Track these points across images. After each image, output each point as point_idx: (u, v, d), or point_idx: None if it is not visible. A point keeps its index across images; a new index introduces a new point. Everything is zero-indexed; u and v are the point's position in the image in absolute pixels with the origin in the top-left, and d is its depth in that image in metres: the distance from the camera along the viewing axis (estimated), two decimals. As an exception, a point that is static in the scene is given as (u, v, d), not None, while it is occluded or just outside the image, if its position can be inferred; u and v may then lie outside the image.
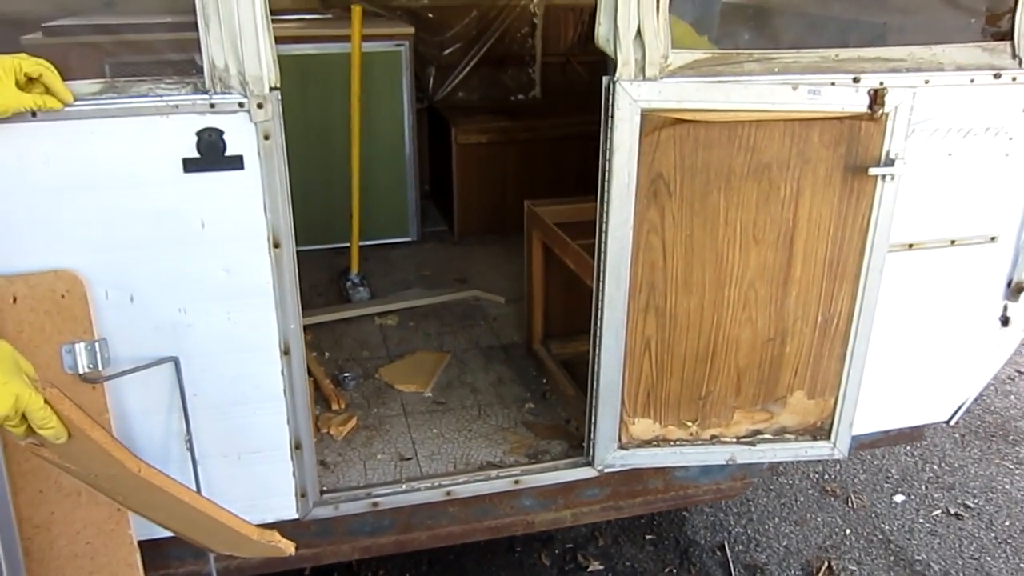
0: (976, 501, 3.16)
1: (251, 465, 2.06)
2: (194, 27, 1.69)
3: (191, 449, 1.98)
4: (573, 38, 4.81)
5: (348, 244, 3.55)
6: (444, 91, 4.72)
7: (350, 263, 3.52)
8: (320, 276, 3.65)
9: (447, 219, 4.38)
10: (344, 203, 3.51)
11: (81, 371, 1.76)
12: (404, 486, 2.27)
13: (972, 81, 2.16)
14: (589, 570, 2.80)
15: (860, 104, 2.03)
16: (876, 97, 2.02)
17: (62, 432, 1.28)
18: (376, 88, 3.70)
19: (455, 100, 4.73)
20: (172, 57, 1.82)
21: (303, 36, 3.73)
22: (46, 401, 1.25)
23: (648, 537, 2.95)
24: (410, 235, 4.16)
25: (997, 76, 2.17)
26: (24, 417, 1.25)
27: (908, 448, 3.43)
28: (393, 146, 3.95)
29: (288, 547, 1.70)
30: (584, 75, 4.85)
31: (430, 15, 4.56)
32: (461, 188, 4.15)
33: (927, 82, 2.12)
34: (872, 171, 2.07)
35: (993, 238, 2.37)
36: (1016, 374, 4.00)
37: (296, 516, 2.14)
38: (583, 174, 3.78)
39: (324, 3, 4.38)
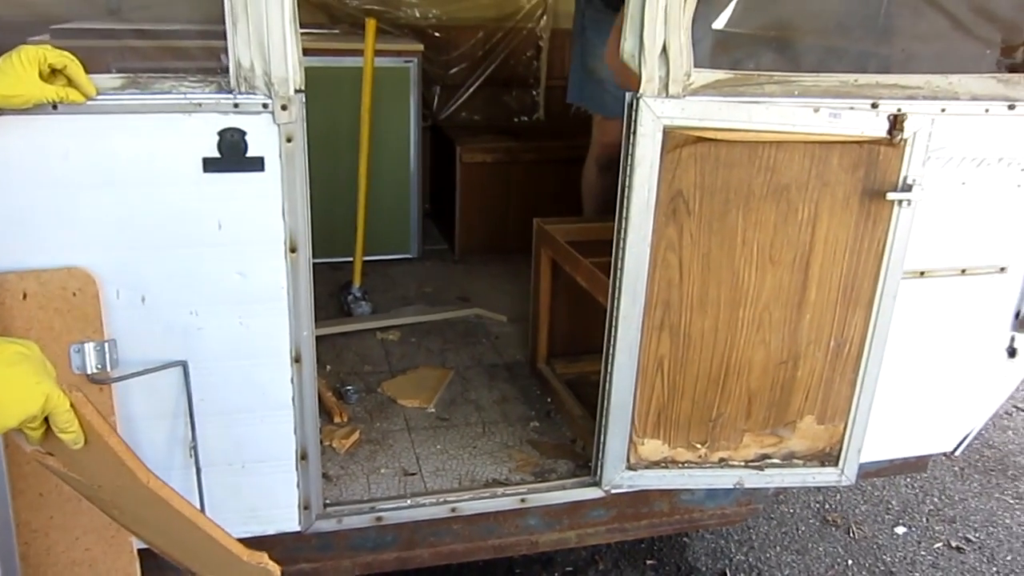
0: (977, 535, 3.14)
1: (255, 474, 2.02)
2: (209, 33, 1.68)
3: (196, 456, 1.93)
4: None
5: (347, 259, 3.52)
6: (448, 110, 4.72)
7: (351, 277, 3.49)
8: (319, 289, 3.58)
9: (447, 237, 4.36)
10: (345, 217, 3.48)
11: (89, 371, 1.73)
12: (409, 501, 2.23)
13: (987, 111, 2.17)
14: (589, 594, 2.76)
15: (879, 129, 2.04)
16: (896, 122, 2.03)
17: (80, 438, 1.24)
18: (384, 103, 3.68)
19: (459, 120, 4.74)
20: (182, 65, 1.80)
21: (313, 49, 3.71)
22: (71, 404, 1.22)
23: (649, 562, 2.90)
24: (411, 252, 4.13)
25: (1011, 107, 2.18)
26: (44, 420, 1.21)
27: (908, 480, 3.40)
28: (398, 162, 3.94)
29: (275, 570, 1.65)
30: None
31: (436, 34, 4.56)
32: (464, 207, 4.13)
33: (943, 110, 2.12)
34: (890, 195, 2.08)
35: (1003, 268, 2.37)
36: (1014, 409, 4.00)
37: (298, 528, 2.10)
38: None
39: (332, 18, 4.37)
